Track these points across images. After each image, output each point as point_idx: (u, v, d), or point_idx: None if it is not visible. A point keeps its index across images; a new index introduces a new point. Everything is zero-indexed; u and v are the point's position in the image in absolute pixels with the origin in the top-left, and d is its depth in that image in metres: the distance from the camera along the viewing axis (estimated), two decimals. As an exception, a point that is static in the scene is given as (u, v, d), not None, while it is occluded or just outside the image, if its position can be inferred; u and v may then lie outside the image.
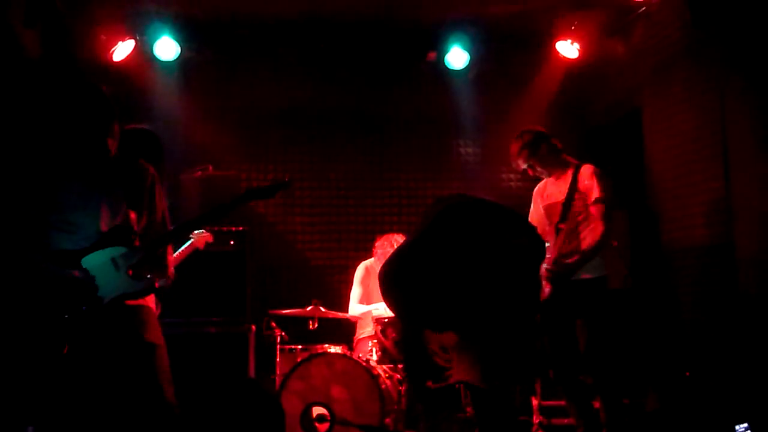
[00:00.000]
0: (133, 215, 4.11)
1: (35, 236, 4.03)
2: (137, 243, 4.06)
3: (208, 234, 6.34)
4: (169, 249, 4.29)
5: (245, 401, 4.02)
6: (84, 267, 3.94)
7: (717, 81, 6.36)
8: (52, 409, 3.94)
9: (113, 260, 3.99)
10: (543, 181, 5.99)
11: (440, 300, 4.22)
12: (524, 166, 5.83)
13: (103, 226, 4.04)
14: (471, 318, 4.21)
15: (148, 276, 4.09)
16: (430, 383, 4.41)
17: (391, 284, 4.40)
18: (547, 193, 5.85)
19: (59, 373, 3.91)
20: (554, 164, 5.78)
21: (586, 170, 5.60)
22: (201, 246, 6.27)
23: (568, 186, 5.58)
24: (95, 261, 3.97)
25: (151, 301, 4.20)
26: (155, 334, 4.10)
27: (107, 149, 4.12)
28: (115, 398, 3.96)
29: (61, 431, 3.92)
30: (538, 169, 5.81)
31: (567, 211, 5.50)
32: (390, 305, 4.60)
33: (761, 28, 5.82)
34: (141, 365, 3.98)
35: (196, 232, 6.23)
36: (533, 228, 4.69)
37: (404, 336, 4.53)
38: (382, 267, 4.54)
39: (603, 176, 5.57)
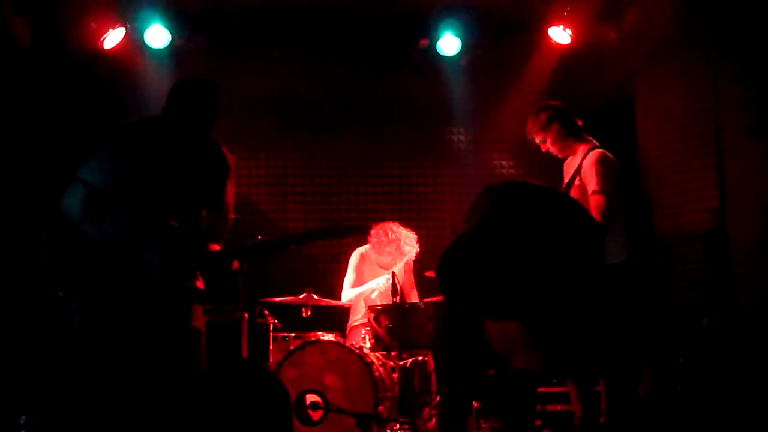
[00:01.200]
0: (204, 212, 4.11)
1: (103, 211, 4.00)
2: (202, 247, 4.07)
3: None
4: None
5: (249, 383, 4.02)
6: (148, 260, 3.95)
7: (710, 67, 6.35)
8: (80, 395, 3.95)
9: (174, 263, 4.03)
10: (567, 159, 5.84)
11: (504, 289, 4.19)
12: (537, 141, 5.73)
13: (175, 220, 4.04)
14: (535, 305, 4.18)
15: (202, 287, 4.12)
16: (491, 371, 4.39)
17: (450, 276, 4.37)
18: (568, 171, 5.72)
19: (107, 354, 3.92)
20: (567, 144, 5.65)
21: (591, 157, 5.42)
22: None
23: (574, 169, 5.49)
24: (158, 258, 3.98)
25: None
26: (199, 322, 4.22)
27: (204, 142, 4.14)
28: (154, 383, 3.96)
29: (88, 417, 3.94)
30: (550, 146, 5.69)
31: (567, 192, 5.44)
32: (449, 297, 4.56)
33: (754, 13, 5.80)
34: (187, 350, 4.00)
35: None
36: (587, 211, 4.68)
37: (458, 325, 4.46)
38: (439, 260, 4.47)
39: (606, 165, 5.39)
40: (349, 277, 7.15)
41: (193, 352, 4.04)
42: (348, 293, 7.05)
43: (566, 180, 5.61)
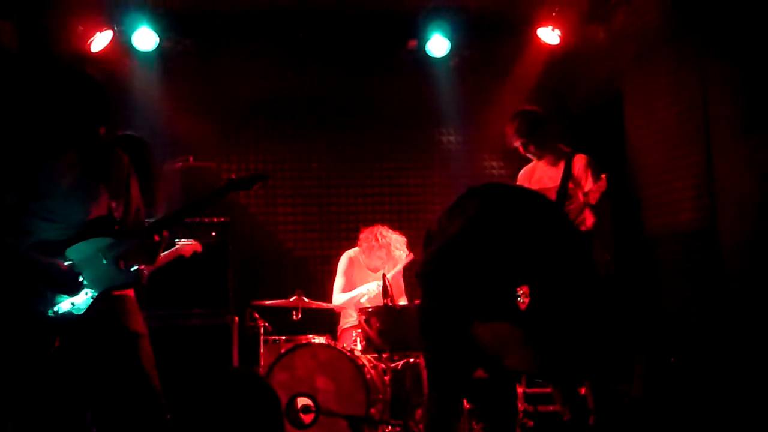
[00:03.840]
0: (113, 204, 4.07)
1: (17, 224, 3.97)
2: (118, 234, 4.02)
3: (197, 244, 6.23)
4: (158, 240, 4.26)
5: (240, 390, 3.99)
6: (69, 258, 3.90)
7: (698, 65, 6.36)
8: (35, 404, 3.90)
9: (99, 251, 3.95)
10: (530, 165, 5.98)
11: (492, 289, 4.19)
12: (517, 143, 5.82)
13: (86, 216, 3.99)
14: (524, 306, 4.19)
15: (136, 267, 4.07)
16: (481, 373, 4.38)
17: (438, 279, 4.37)
18: (537, 177, 5.83)
19: (47, 367, 3.88)
20: (548, 149, 5.78)
21: (580, 160, 5.62)
22: (187, 254, 6.17)
23: (561, 173, 5.57)
24: (81, 252, 3.92)
25: (130, 290, 4.16)
26: (139, 323, 4.07)
27: (97, 138, 4.07)
28: (102, 389, 3.93)
29: (46, 425, 3.90)
30: (532, 149, 5.81)
31: (563, 198, 5.49)
32: (436, 297, 4.54)
33: (741, 12, 5.81)
34: (127, 354, 3.95)
35: (184, 240, 6.15)
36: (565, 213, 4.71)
37: (447, 328, 4.45)
38: (423, 261, 4.47)
39: (596, 167, 5.58)
40: (339, 281, 7.12)
41: (135, 357, 3.99)
42: (338, 298, 7.03)
43: (545, 185, 5.71)
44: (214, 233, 6.67)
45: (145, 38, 7.57)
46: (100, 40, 7.39)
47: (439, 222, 4.48)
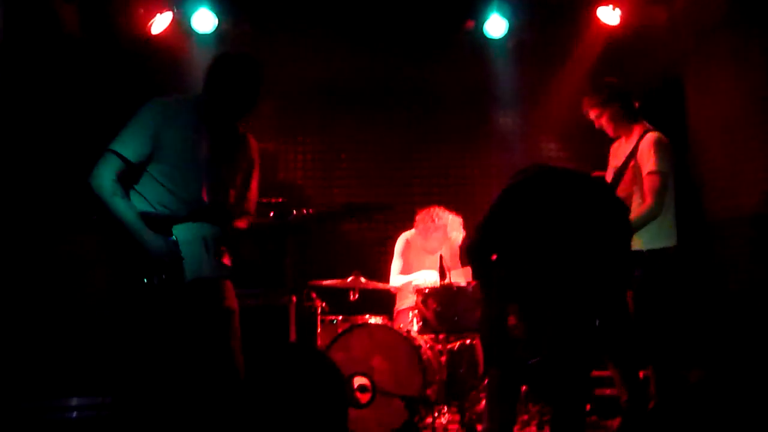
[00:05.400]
0: (233, 192, 4.08)
1: (135, 185, 3.98)
2: (229, 227, 4.04)
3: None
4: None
5: (306, 365, 4.04)
6: (175, 236, 3.91)
7: (762, 47, 6.25)
8: (129, 375, 3.95)
9: (204, 239, 3.97)
10: (616, 142, 5.80)
11: (533, 271, 4.19)
12: (592, 116, 5.66)
13: (202, 195, 3.99)
14: (564, 291, 4.17)
15: (230, 263, 4.09)
16: (523, 354, 4.37)
17: (481, 258, 4.38)
18: (617, 153, 5.68)
19: (134, 338, 3.91)
20: (623, 124, 5.58)
21: (648, 138, 5.39)
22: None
23: (629, 151, 5.43)
24: (187, 234, 3.93)
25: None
26: (232, 301, 4.09)
27: (233, 121, 4.10)
28: (190, 363, 3.95)
29: (138, 397, 3.94)
30: (604, 123, 5.62)
31: (619, 177, 5.37)
32: (479, 278, 4.55)
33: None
34: (218, 330, 3.98)
35: None
36: (618, 196, 4.66)
37: (491, 312, 4.45)
38: (465, 243, 4.50)
39: (664, 147, 5.38)
40: (396, 263, 7.14)
41: (226, 332, 4.00)
42: (396, 280, 7.05)
43: (616, 162, 5.55)
44: (272, 213, 6.70)
45: (204, 20, 7.62)
46: (160, 22, 7.45)
47: (493, 205, 4.48)
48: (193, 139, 3.99)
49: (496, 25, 7.93)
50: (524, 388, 5.87)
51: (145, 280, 3.83)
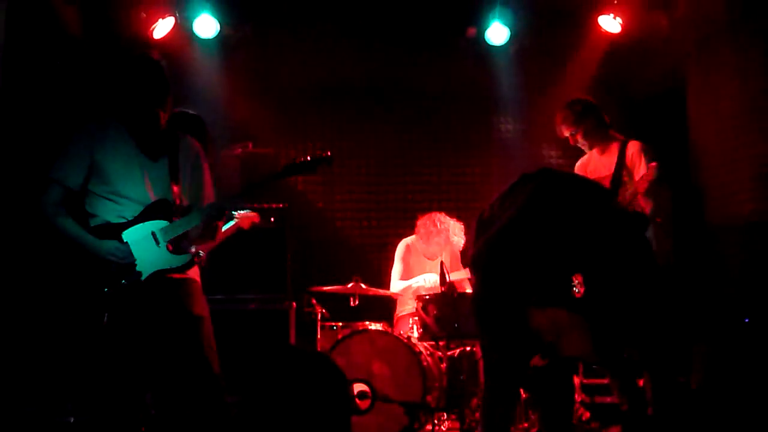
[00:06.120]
0: (176, 188, 4.11)
1: (82, 207, 4.08)
2: (176, 218, 4.07)
3: (254, 214, 6.26)
4: (220, 223, 4.32)
5: (308, 368, 4.02)
6: (125, 240, 3.98)
7: (763, 54, 6.25)
8: (95, 383, 3.97)
9: (153, 234, 4.02)
10: (586, 156, 5.95)
11: (547, 276, 4.19)
12: (567, 134, 5.82)
13: (148, 198, 4.06)
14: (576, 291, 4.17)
15: (189, 251, 4.11)
16: (537, 360, 4.36)
17: (491, 265, 4.37)
18: (592, 168, 5.81)
19: (100, 347, 3.95)
20: (598, 138, 5.76)
21: (633, 146, 5.57)
22: (246, 226, 6.19)
23: (615, 161, 5.53)
24: (136, 235, 4.00)
25: (195, 273, 4.21)
26: (201, 306, 4.11)
27: (158, 121, 4.12)
28: (161, 370, 3.98)
29: (105, 405, 3.96)
30: (580, 140, 5.81)
31: (617, 186, 5.44)
32: (491, 285, 4.54)
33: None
34: (187, 337, 4.00)
35: (241, 212, 6.20)
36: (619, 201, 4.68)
37: (503, 314, 4.45)
38: (478, 249, 4.47)
39: (651, 153, 5.52)
40: (397, 268, 7.14)
41: (196, 339, 4.02)
42: (396, 285, 7.05)
43: (598, 174, 5.66)
44: (273, 219, 6.71)
45: (206, 25, 7.61)
46: (162, 27, 7.45)
47: (491, 209, 4.48)
48: (124, 151, 4.07)
49: (497, 33, 7.92)
50: (524, 396, 5.86)
51: (105, 290, 3.92)
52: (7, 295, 6.04)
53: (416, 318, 6.36)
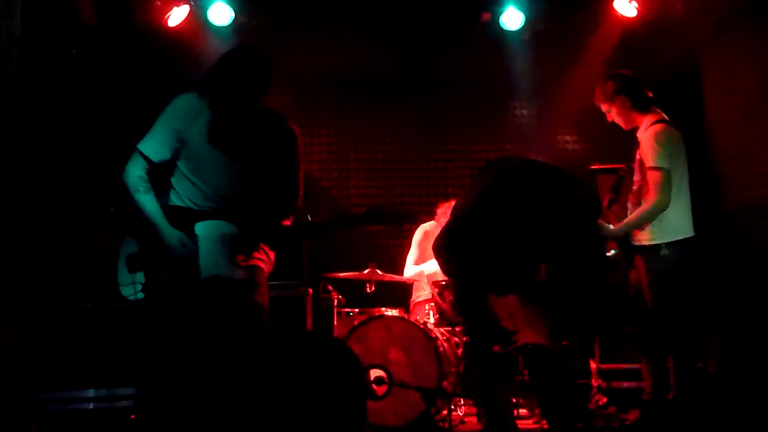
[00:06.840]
0: (259, 187, 4.07)
1: (167, 177, 4.06)
2: (249, 229, 4.03)
3: None
4: None
5: (325, 354, 4.05)
6: (196, 232, 3.95)
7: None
8: (153, 369, 3.98)
9: (223, 237, 3.97)
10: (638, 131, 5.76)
11: (504, 263, 4.21)
12: (603, 109, 5.63)
13: (227, 193, 4.02)
14: (534, 279, 4.20)
15: (247, 264, 4.05)
16: (497, 348, 4.38)
17: (451, 250, 4.40)
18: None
19: (150, 332, 3.96)
20: (631, 116, 5.53)
21: (649, 132, 5.34)
22: None
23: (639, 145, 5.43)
24: (209, 230, 3.97)
25: (265, 262, 4.18)
26: (263, 297, 4.10)
27: (252, 115, 4.13)
28: (205, 360, 3.97)
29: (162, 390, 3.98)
30: (614, 116, 5.58)
31: (632, 171, 5.39)
32: (450, 272, 4.58)
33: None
34: (246, 324, 3.99)
35: None
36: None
37: (466, 302, 4.50)
38: (438, 235, 4.51)
39: (664, 142, 5.32)
40: (412, 253, 7.16)
41: (254, 327, 4.01)
42: (410, 269, 7.06)
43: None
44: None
45: (221, 13, 7.62)
46: (176, 15, 7.47)
47: (463, 196, 4.49)
48: (212, 135, 4.01)
49: (512, 18, 7.89)
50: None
51: (163, 277, 3.92)
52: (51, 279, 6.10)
53: (432, 304, 6.38)
